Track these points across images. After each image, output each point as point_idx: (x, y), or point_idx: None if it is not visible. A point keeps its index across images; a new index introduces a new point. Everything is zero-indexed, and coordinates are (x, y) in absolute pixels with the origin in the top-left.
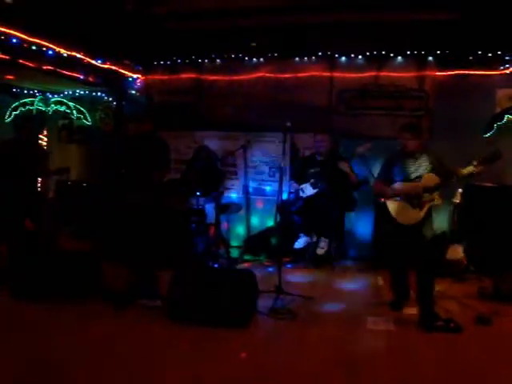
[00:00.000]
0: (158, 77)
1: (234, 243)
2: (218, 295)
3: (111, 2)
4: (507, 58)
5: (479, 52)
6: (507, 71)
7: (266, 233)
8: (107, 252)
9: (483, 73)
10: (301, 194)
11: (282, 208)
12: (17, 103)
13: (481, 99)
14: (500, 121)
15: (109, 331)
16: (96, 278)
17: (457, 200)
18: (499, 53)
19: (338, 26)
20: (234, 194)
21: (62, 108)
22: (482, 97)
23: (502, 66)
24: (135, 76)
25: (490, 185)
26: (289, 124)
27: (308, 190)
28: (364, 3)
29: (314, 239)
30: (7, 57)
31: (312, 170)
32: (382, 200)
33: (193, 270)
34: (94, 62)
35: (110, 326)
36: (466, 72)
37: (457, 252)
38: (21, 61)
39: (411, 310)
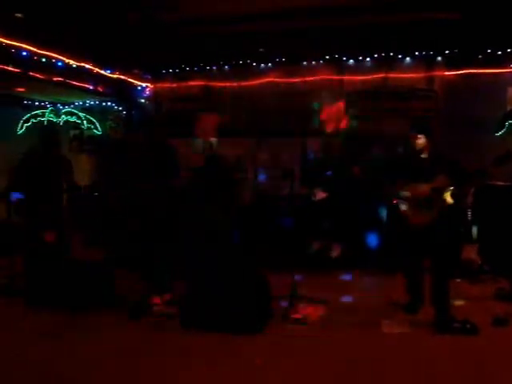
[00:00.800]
0: (167, 85)
1: None
2: (232, 301)
3: (119, 12)
4: None
5: (488, 50)
6: None
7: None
8: (120, 260)
9: (493, 71)
10: (312, 198)
11: (294, 212)
12: (28, 115)
13: (491, 97)
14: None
15: (123, 340)
16: (109, 287)
17: (469, 200)
18: (509, 50)
19: (346, 29)
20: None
21: (73, 118)
22: (492, 95)
23: (511, 63)
24: (144, 85)
25: (502, 184)
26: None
27: (320, 194)
28: (370, 6)
29: (328, 243)
30: (18, 70)
31: (324, 174)
32: (395, 202)
33: (206, 276)
34: (103, 72)
35: (124, 335)
36: (476, 71)
37: (471, 252)
38: (31, 73)
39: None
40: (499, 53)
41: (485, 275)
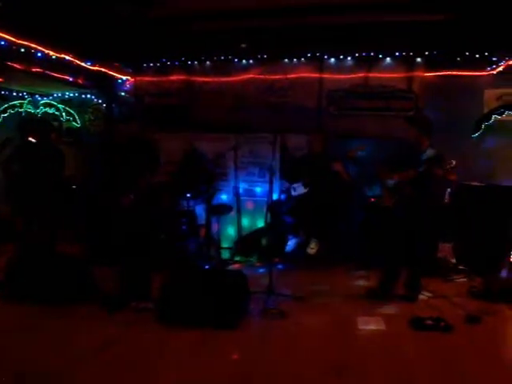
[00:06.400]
0: (147, 78)
1: (224, 244)
2: (208, 296)
3: (101, 4)
4: (494, 58)
5: (467, 53)
6: (494, 72)
7: (257, 234)
8: (99, 255)
9: (471, 73)
10: (292, 192)
11: (273, 209)
12: (5, 105)
13: (469, 100)
14: (488, 121)
15: (101, 335)
16: (88, 282)
17: (445, 199)
18: (486, 54)
19: (327, 27)
20: (224, 196)
21: (52, 110)
22: (469, 97)
23: (489, 66)
24: (125, 78)
25: (478, 184)
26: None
27: (299, 189)
28: (352, 5)
29: (304, 239)
30: None
31: (304, 169)
32: (373, 200)
33: (184, 271)
34: (83, 64)
35: (102, 330)
36: (454, 73)
37: (446, 251)
38: (9, 63)
39: None
40: (477, 56)
41: (458, 273)
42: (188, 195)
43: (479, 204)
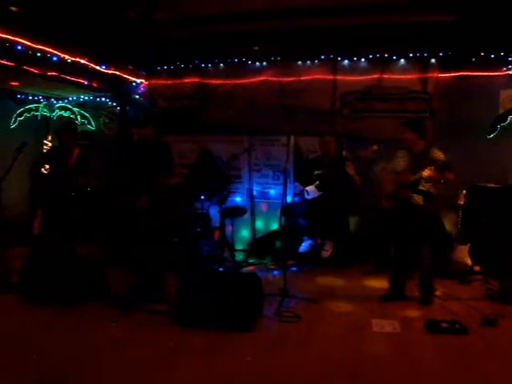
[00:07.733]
0: (161, 81)
1: (238, 247)
2: (223, 299)
3: (115, 8)
4: (510, 58)
5: (482, 53)
6: (510, 72)
7: (271, 236)
8: (113, 256)
9: (486, 74)
10: (305, 196)
11: (287, 211)
12: (21, 109)
13: (484, 100)
14: (503, 122)
15: (114, 336)
16: (102, 283)
17: (461, 201)
18: (502, 54)
19: (341, 29)
20: (238, 198)
21: (67, 113)
22: (485, 98)
23: (504, 66)
24: (139, 81)
25: (493, 185)
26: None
27: (312, 193)
28: (365, 6)
29: (319, 242)
30: (12, 63)
31: (317, 172)
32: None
33: (198, 273)
34: (98, 67)
35: (115, 331)
36: (469, 73)
37: (462, 253)
38: (26, 67)
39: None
40: (492, 56)
41: (475, 276)
42: (202, 197)
43: (496, 205)
